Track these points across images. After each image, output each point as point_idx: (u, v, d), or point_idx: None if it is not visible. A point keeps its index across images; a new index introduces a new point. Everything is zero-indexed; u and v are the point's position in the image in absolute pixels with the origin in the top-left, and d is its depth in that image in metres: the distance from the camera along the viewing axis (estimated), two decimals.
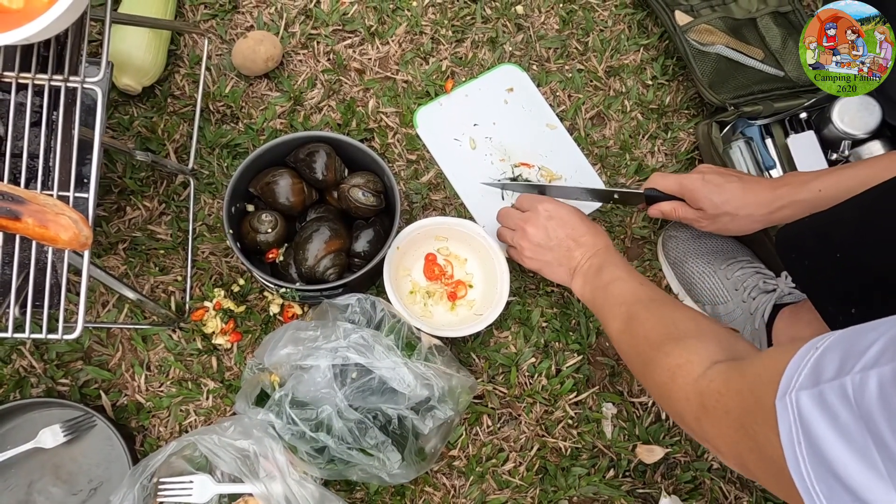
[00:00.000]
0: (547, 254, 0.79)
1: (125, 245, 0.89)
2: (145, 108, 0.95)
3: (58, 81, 0.55)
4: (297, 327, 0.76)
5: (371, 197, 0.84)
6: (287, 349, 0.74)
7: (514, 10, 1.02)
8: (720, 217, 0.77)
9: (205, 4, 0.99)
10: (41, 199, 0.50)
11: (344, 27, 1.00)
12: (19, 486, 0.80)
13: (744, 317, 0.83)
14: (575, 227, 0.78)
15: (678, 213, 0.81)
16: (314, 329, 0.75)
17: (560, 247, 0.78)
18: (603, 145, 0.98)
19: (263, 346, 0.77)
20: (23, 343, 0.84)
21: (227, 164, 0.93)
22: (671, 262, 0.90)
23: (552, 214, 0.79)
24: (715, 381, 0.51)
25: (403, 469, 0.75)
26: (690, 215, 0.80)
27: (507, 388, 0.88)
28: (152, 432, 0.84)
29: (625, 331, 0.67)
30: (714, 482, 0.88)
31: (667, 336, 0.60)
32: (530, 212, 0.81)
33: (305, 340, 0.74)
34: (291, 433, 0.72)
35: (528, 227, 0.80)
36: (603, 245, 0.77)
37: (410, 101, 0.97)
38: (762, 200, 0.74)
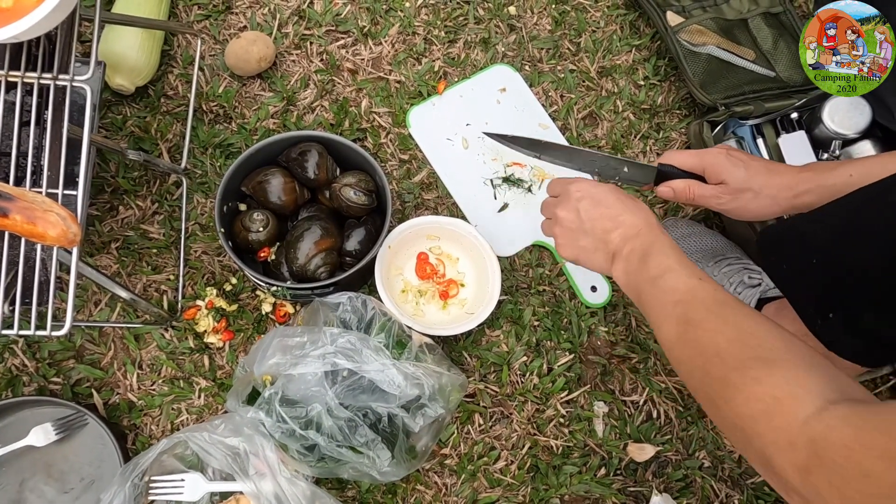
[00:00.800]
0: (582, 238, 0.68)
1: (118, 244, 0.89)
2: (138, 107, 0.95)
3: (47, 80, 0.55)
4: (283, 334, 0.76)
5: (363, 196, 0.84)
6: (275, 358, 0.74)
7: (506, 11, 1.02)
8: (743, 193, 0.70)
9: (198, 5, 0.99)
10: (29, 196, 0.50)
11: (337, 28, 1.00)
12: (11, 484, 0.80)
13: None
14: (611, 205, 0.67)
15: (693, 191, 0.73)
16: (301, 335, 0.75)
17: (595, 229, 0.67)
18: (595, 145, 0.98)
19: (252, 354, 0.77)
20: (15, 341, 0.85)
21: (219, 164, 0.93)
22: None
23: (584, 194, 0.68)
24: (837, 430, 0.41)
25: (394, 467, 0.75)
26: (708, 192, 0.72)
27: (498, 387, 0.89)
28: (144, 431, 0.84)
29: (684, 339, 0.55)
30: (705, 480, 0.88)
31: (752, 356, 0.49)
32: (562, 195, 0.71)
33: (293, 348, 0.74)
34: (281, 431, 0.72)
35: (560, 212, 0.70)
36: (644, 223, 0.65)
37: (403, 101, 0.98)
38: (787, 183, 0.69)
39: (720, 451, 0.89)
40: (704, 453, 0.89)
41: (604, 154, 0.76)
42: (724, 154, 0.72)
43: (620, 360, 0.91)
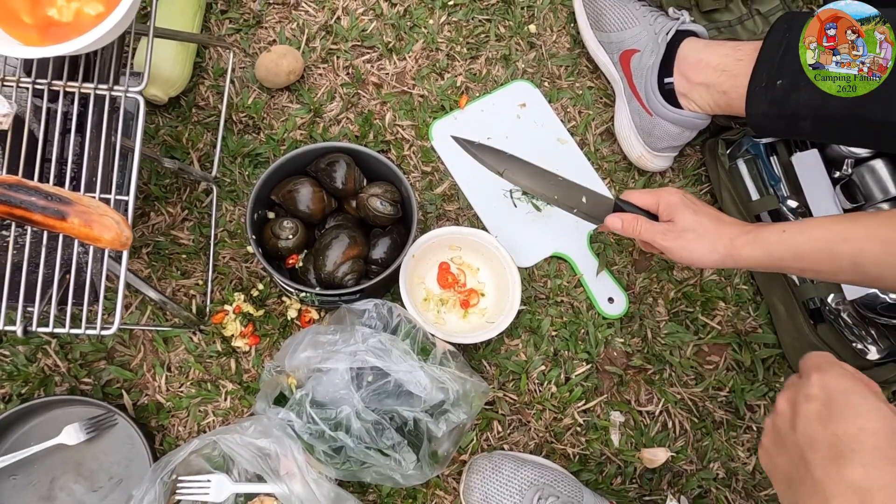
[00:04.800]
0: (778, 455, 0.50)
1: (148, 249, 0.92)
2: (170, 117, 0.98)
3: (102, 90, 0.58)
4: (316, 331, 0.79)
5: (388, 206, 0.87)
6: (307, 352, 0.76)
7: (526, 29, 1.05)
8: (687, 233, 0.73)
9: (230, 19, 1.03)
10: (86, 201, 0.53)
11: (363, 43, 1.03)
12: (42, 482, 0.82)
13: (648, 37, 0.89)
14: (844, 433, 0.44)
15: (639, 225, 0.75)
16: (333, 333, 0.78)
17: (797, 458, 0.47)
18: (612, 160, 1.01)
19: (284, 349, 0.80)
20: (48, 342, 0.87)
21: (248, 173, 0.96)
22: None
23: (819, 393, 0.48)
24: None
25: (417, 471, 0.77)
26: (655, 227, 0.75)
27: (517, 395, 0.90)
28: (171, 432, 0.86)
29: None
30: (720, 491, 0.89)
31: None
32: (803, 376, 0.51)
33: (325, 344, 0.76)
34: (311, 432, 0.74)
35: (780, 399, 0.52)
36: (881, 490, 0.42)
37: (426, 115, 1.00)
38: (729, 232, 0.72)
39: (734, 462, 0.90)
40: (718, 464, 0.90)
41: (566, 179, 0.77)
42: (679, 195, 0.76)
43: (636, 370, 0.93)
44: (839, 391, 0.47)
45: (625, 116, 0.96)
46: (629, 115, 0.95)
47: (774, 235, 0.69)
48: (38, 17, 0.56)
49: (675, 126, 0.91)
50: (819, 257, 0.66)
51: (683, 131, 0.92)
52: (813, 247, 0.66)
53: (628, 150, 0.98)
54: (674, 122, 0.90)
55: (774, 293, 0.94)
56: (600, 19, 0.96)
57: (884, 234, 0.62)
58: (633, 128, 0.95)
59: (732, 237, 0.71)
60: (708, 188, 1.00)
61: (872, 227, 0.63)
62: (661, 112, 0.90)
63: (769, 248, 0.69)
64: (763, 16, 1.01)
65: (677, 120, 0.90)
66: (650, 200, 0.77)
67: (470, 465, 0.84)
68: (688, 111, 0.89)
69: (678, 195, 0.75)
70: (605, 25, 0.95)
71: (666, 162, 0.97)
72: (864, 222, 0.65)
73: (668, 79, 0.89)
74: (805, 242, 0.66)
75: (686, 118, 0.89)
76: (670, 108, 0.89)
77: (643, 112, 0.92)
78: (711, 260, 0.72)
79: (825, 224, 0.67)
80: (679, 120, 0.89)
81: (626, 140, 0.97)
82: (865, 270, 0.63)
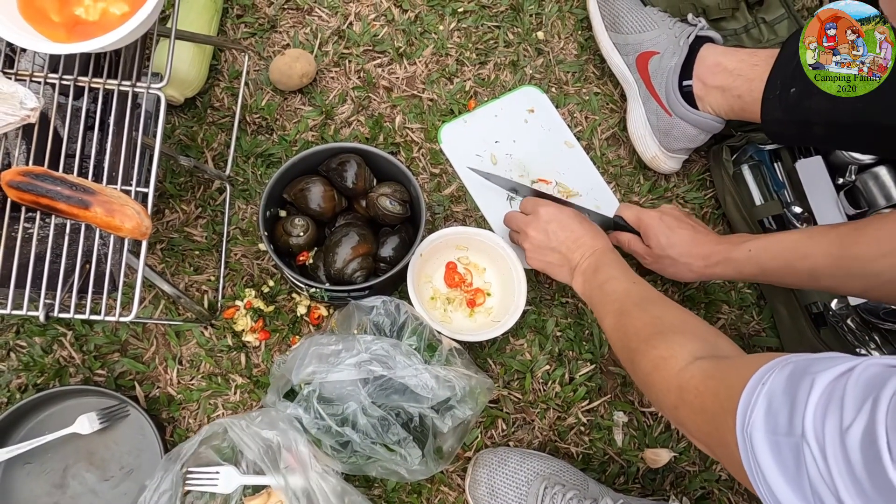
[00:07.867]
0: (549, 255, 0.84)
1: (162, 245, 0.94)
2: (186, 117, 1.00)
3: (126, 87, 0.60)
4: (318, 342, 0.79)
5: (398, 206, 0.88)
6: (311, 367, 0.76)
7: (535, 36, 1.07)
8: (663, 258, 0.85)
9: (245, 23, 1.05)
10: (108, 192, 0.55)
11: (374, 48, 1.05)
12: (55, 470, 0.83)
13: (668, 40, 0.91)
14: (574, 230, 0.83)
15: (631, 246, 0.89)
16: (335, 343, 0.78)
17: (561, 248, 0.83)
18: (618, 164, 1.02)
19: (290, 362, 0.80)
20: (63, 334, 0.89)
21: (260, 172, 0.98)
22: None
23: (551, 217, 0.84)
24: (695, 378, 0.55)
25: (422, 466, 0.78)
26: (640, 250, 0.88)
27: (521, 394, 0.92)
28: (182, 423, 0.88)
29: (617, 326, 0.72)
30: (723, 493, 0.90)
31: (654, 330, 0.65)
32: (532, 215, 0.86)
33: (328, 356, 0.76)
34: (318, 427, 0.75)
35: (530, 231, 0.85)
36: (601, 246, 0.81)
37: (435, 118, 1.02)
38: (703, 253, 0.81)
39: None
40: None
41: (571, 203, 0.93)
42: (656, 219, 0.85)
43: None
44: (560, 215, 0.84)
45: (639, 117, 0.97)
46: (644, 116, 0.96)
47: (742, 255, 0.78)
48: (66, 16, 0.58)
49: (694, 128, 0.92)
50: (782, 272, 0.75)
51: (700, 133, 0.93)
52: (775, 265, 0.75)
53: (643, 150, 0.99)
54: (693, 124, 0.91)
55: (778, 297, 0.95)
56: (617, 21, 0.97)
57: (833, 250, 0.70)
58: (648, 128, 0.96)
59: (706, 257, 0.81)
60: (712, 193, 1.02)
61: (824, 244, 0.71)
62: (681, 112, 0.91)
63: (738, 266, 0.79)
64: (769, 24, 1.02)
65: (697, 121, 0.91)
66: (632, 219, 0.89)
67: (475, 459, 0.85)
68: (706, 112, 0.91)
69: (655, 219, 0.85)
70: (622, 27, 0.96)
71: (677, 164, 0.98)
72: (818, 240, 0.72)
73: (686, 81, 0.91)
74: (768, 261, 0.76)
75: (705, 119, 0.90)
76: (690, 108, 0.90)
77: (661, 112, 0.93)
78: (689, 279, 0.86)
79: (785, 242, 0.75)
80: (698, 121, 0.91)
81: (640, 140, 0.98)
82: (821, 283, 0.73)
